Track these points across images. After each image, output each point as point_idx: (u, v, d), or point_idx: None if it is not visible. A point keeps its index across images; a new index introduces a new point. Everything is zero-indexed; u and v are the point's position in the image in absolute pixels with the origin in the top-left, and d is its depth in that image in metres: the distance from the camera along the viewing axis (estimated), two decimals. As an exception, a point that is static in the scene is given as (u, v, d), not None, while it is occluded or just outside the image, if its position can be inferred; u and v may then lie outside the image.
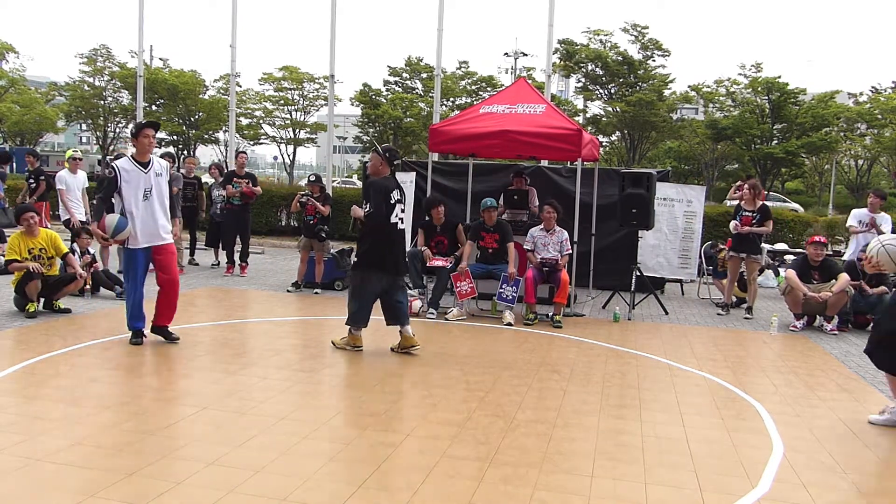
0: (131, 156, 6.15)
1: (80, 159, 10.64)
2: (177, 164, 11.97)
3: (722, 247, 10.51)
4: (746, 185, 9.51)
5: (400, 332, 6.33)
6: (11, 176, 13.82)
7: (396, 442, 4.12)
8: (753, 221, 9.14)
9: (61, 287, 7.62)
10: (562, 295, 8.09)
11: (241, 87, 34.77)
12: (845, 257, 9.66)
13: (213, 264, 11.92)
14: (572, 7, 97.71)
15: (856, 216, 9.69)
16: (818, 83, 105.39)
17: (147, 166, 6.09)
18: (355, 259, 6.40)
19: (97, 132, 38.30)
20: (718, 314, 9.40)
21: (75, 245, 8.87)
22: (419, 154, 32.54)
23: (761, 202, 9.27)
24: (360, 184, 24.95)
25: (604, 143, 35.17)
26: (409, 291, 8.78)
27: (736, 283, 9.76)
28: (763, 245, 9.35)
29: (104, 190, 6.12)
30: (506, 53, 43.22)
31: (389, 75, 34.90)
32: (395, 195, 6.28)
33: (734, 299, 9.81)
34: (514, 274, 8.14)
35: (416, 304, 8.35)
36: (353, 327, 6.34)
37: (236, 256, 11.07)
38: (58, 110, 37.63)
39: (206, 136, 36.87)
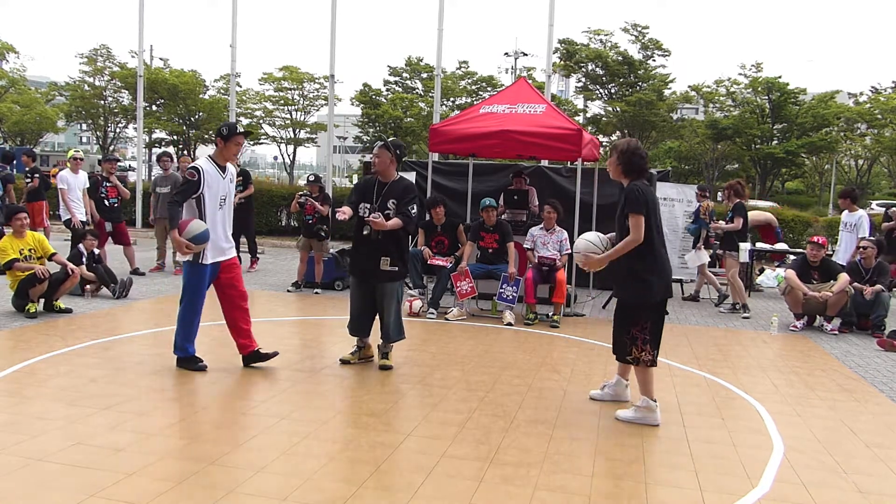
0: (210, 156, 5.54)
1: (82, 159, 10.66)
2: (176, 164, 11.95)
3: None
4: (725, 187, 9.89)
5: (367, 341, 6.07)
6: (17, 176, 13.83)
7: (396, 442, 4.12)
8: (726, 218, 9.52)
9: (58, 286, 7.63)
10: (559, 295, 8.09)
11: (241, 87, 34.79)
12: (834, 257, 9.79)
13: None
14: (572, 7, 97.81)
15: (843, 219, 10.30)
16: (818, 83, 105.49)
17: (225, 171, 5.53)
18: (397, 269, 5.73)
19: (97, 132, 38.31)
20: (720, 312, 9.45)
21: (81, 247, 8.87)
22: (419, 154, 32.54)
23: (738, 200, 9.46)
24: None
25: (604, 143, 35.12)
26: (409, 291, 8.82)
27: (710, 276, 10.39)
28: (745, 243, 9.51)
29: (181, 192, 5.37)
30: (506, 53, 43.28)
31: (389, 75, 34.92)
32: None
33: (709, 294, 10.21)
34: (515, 274, 8.14)
35: (416, 304, 8.35)
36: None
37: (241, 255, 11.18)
38: (58, 110, 37.63)
39: (206, 136, 36.84)
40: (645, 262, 4.62)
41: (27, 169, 11.46)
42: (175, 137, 35.89)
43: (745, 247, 9.43)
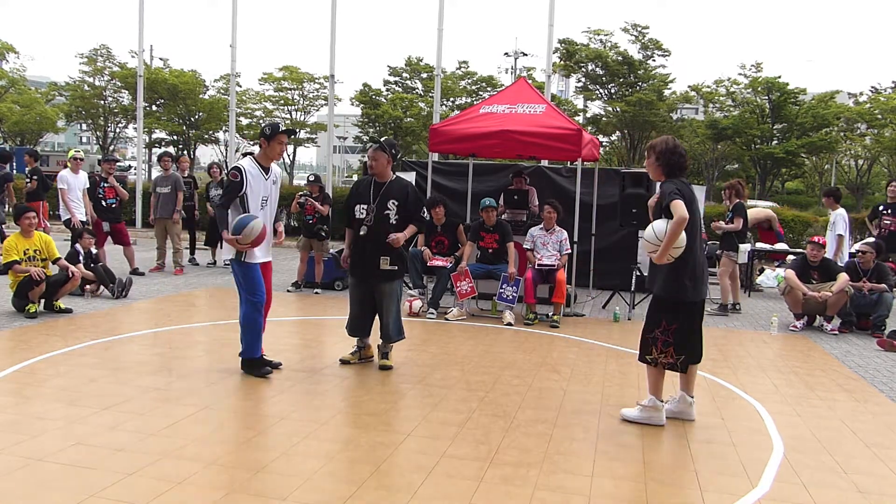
0: (254, 157, 5.44)
1: (83, 159, 10.66)
2: (175, 164, 11.94)
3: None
4: (726, 186, 9.87)
5: (367, 342, 6.06)
6: (17, 176, 13.83)
7: (396, 442, 4.12)
8: (725, 218, 9.52)
9: (58, 288, 7.63)
10: (559, 295, 8.09)
11: (241, 87, 34.75)
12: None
13: (208, 263, 11.95)
14: (572, 7, 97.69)
15: (830, 218, 10.58)
16: (818, 83, 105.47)
17: (268, 172, 5.45)
18: (396, 268, 5.72)
19: (97, 132, 38.27)
20: (720, 314, 9.39)
21: (78, 246, 8.86)
22: (419, 154, 32.53)
23: (737, 201, 9.51)
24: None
25: (604, 143, 35.14)
26: (409, 291, 8.82)
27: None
28: (745, 244, 9.53)
29: (226, 195, 5.31)
30: (506, 53, 43.25)
31: (389, 75, 34.88)
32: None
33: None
34: (514, 274, 8.14)
35: (416, 304, 8.35)
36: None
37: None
38: (58, 110, 37.58)
39: (206, 136, 36.84)
40: (684, 260, 4.44)
41: (28, 169, 11.46)
42: (175, 137, 35.86)
43: (744, 248, 9.46)
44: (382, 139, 5.98)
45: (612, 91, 33.79)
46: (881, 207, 10.40)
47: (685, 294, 4.52)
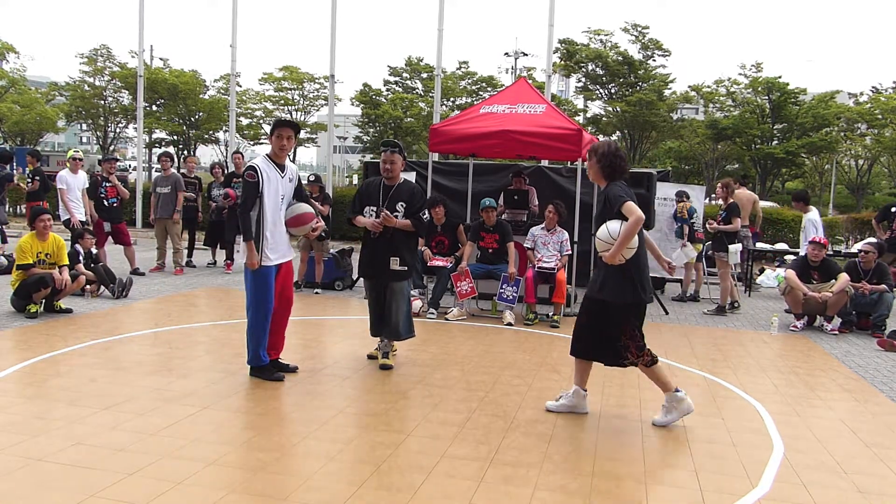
0: (268, 155, 5.37)
1: (82, 159, 10.66)
2: (176, 164, 11.95)
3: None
4: (720, 185, 9.78)
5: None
6: (20, 176, 13.81)
7: (396, 442, 4.12)
8: (720, 218, 9.45)
9: (62, 288, 7.63)
10: (559, 295, 8.09)
11: (241, 87, 34.74)
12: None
13: (208, 263, 11.94)
14: (572, 7, 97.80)
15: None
16: (818, 83, 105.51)
17: (283, 170, 5.34)
18: (405, 269, 5.79)
19: (97, 132, 38.27)
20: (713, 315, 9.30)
21: (78, 246, 8.87)
22: (419, 154, 32.52)
23: (732, 201, 9.49)
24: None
25: (604, 144, 35.00)
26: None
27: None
28: (736, 244, 9.50)
29: (244, 200, 5.19)
30: (506, 53, 43.25)
31: (389, 75, 34.88)
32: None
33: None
34: (515, 274, 8.15)
35: (417, 304, 8.34)
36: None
37: (237, 255, 11.11)
38: (58, 110, 37.56)
39: (206, 136, 36.83)
40: (634, 262, 4.54)
41: (29, 169, 11.45)
42: (175, 137, 35.86)
43: (734, 248, 9.41)
44: (393, 140, 6.03)
45: (613, 91, 33.78)
46: (894, 209, 10.25)
47: (639, 295, 4.57)
